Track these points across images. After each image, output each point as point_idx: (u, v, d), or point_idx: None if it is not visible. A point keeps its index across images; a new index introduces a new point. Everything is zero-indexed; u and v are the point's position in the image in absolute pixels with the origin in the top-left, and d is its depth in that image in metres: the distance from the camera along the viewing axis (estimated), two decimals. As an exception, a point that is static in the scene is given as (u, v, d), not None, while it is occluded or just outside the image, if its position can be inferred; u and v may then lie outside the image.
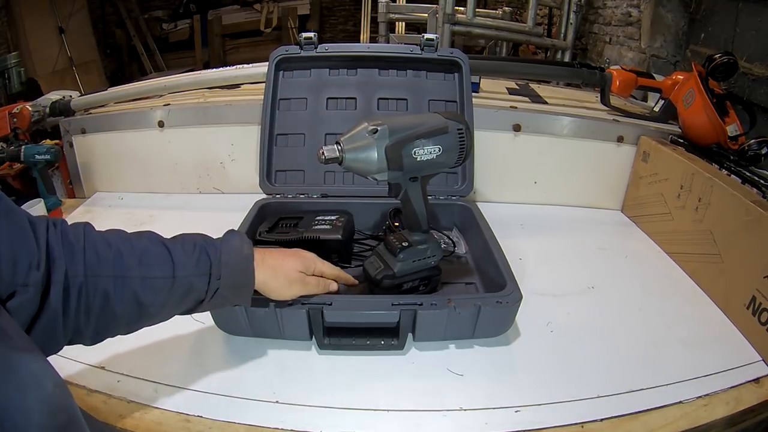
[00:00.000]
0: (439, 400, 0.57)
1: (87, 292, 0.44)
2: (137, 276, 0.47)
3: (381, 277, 0.67)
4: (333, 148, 0.57)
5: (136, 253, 0.48)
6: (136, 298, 0.47)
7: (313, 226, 0.79)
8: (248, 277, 0.54)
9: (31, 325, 0.41)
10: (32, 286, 0.40)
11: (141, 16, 4.67)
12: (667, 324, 0.71)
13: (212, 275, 0.50)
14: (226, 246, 0.53)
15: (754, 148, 0.87)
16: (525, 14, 2.49)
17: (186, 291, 0.50)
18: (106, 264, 0.46)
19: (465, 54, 0.91)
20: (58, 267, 0.42)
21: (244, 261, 0.53)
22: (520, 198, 1.08)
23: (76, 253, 0.44)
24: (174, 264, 0.49)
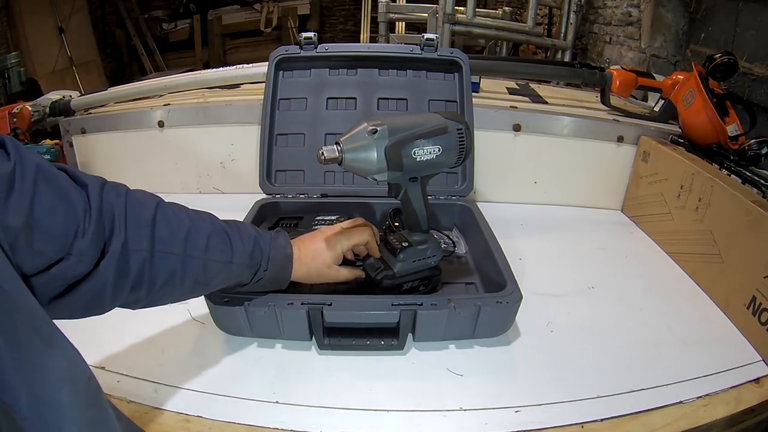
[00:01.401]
0: (439, 400, 0.57)
1: (153, 266, 0.45)
2: (202, 258, 0.50)
3: (381, 277, 0.67)
4: (332, 149, 0.56)
5: (203, 237, 0.50)
6: (195, 277, 0.50)
7: (313, 227, 0.79)
8: (287, 273, 0.60)
9: (72, 288, 0.41)
10: (75, 255, 0.39)
11: (141, 16, 4.67)
12: (667, 324, 0.71)
13: (260, 267, 0.56)
14: (275, 243, 0.59)
15: (754, 148, 0.87)
16: (525, 14, 2.50)
17: (236, 276, 0.55)
18: (178, 243, 0.47)
19: (465, 54, 0.91)
20: (116, 236, 0.42)
21: (287, 259, 0.60)
22: (520, 198, 1.08)
23: (142, 226, 0.45)
24: (233, 252, 0.53)
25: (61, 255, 0.38)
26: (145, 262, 0.45)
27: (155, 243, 0.45)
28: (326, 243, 0.64)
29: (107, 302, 0.44)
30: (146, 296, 0.47)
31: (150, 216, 0.46)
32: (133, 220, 0.44)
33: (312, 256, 0.63)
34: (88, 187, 0.42)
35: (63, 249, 0.38)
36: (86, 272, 0.41)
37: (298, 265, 0.61)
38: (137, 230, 0.44)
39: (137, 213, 0.44)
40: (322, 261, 0.63)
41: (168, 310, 0.70)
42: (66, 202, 0.39)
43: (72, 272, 0.40)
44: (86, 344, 0.62)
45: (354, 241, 0.65)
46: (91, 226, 0.40)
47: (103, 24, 4.52)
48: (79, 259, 0.39)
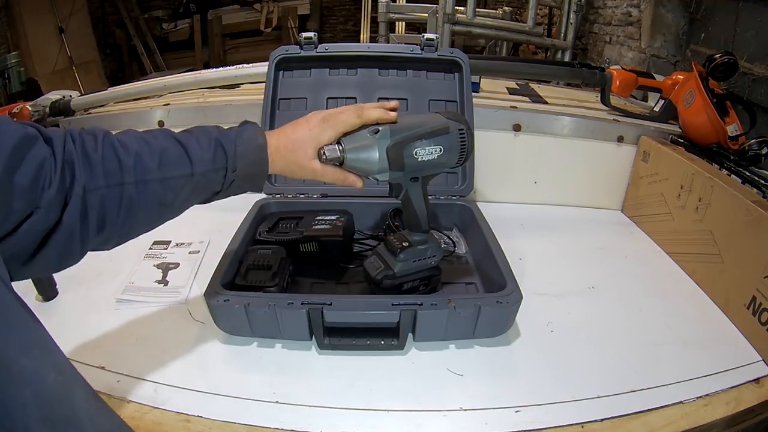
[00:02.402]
0: (439, 400, 0.57)
1: (110, 201, 0.44)
2: (158, 178, 0.47)
3: (381, 277, 0.67)
4: (334, 148, 0.56)
5: (155, 155, 0.47)
6: (158, 199, 0.47)
7: (313, 226, 0.79)
8: (262, 166, 0.54)
9: (45, 240, 0.41)
10: (43, 207, 0.40)
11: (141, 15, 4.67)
12: (667, 324, 0.71)
13: (228, 168, 0.51)
14: (241, 138, 0.53)
15: (754, 148, 0.87)
16: (525, 14, 2.49)
17: (203, 185, 0.51)
18: (128, 171, 0.45)
19: (465, 54, 0.91)
20: (76, 182, 0.42)
21: (258, 151, 0.54)
22: (520, 198, 1.08)
23: (94, 164, 0.44)
24: (192, 162, 0.49)
25: (31, 209, 0.39)
26: (104, 200, 0.44)
27: (107, 177, 0.44)
28: (308, 132, 0.56)
29: (77, 249, 0.44)
30: (114, 233, 0.46)
31: (99, 152, 0.45)
32: (86, 160, 0.44)
33: (291, 148, 0.56)
34: (52, 140, 0.43)
35: (33, 203, 0.39)
36: (54, 222, 0.41)
37: (276, 158, 0.55)
38: (91, 170, 0.44)
39: (89, 153, 0.44)
40: (303, 153, 0.56)
41: (168, 310, 0.70)
42: (33, 158, 0.40)
43: (43, 224, 0.40)
44: (86, 344, 0.63)
45: (340, 128, 0.57)
46: (56, 177, 0.41)
47: (103, 24, 4.52)
48: (47, 210, 0.40)
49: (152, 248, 0.85)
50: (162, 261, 0.81)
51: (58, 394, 0.35)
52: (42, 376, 0.34)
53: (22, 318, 0.35)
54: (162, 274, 0.78)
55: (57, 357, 0.36)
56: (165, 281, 0.77)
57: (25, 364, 0.33)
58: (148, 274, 0.78)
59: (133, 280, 0.76)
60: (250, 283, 0.67)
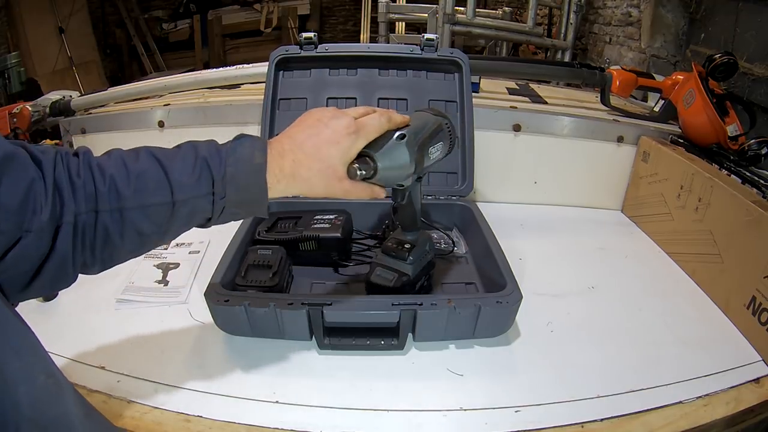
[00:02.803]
0: (439, 400, 0.57)
1: (88, 228, 0.41)
2: (134, 206, 0.42)
3: (400, 285, 0.66)
4: (367, 165, 0.51)
5: (131, 180, 0.42)
6: (136, 228, 0.43)
7: (312, 225, 0.79)
8: (259, 191, 0.46)
9: (40, 267, 0.39)
10: (34, 232, 0.38)
11: (141, 16, 4.67)
12: (667, 324, 0.71)
13: (215, 194, 0.44)
14: (233, 157, 0.45)
15: (754, 148, 0.87)
16: (525, 14, 2.50)
17: (189, 213, 0.45)
18: (102, 198, 0.42)
19: (465, 54, 0.91)
20: (67, 208, 0.40)
21: (254, 173, 0.45)
22: (520, 198, 1.08)
23: (77, 189, 0.41)
24: (172, 187, 0.43)
25: (20, 233, 0.37)
26: (85, 226, 0.41)
27: (86, 202, 0.41)
28: (337, 149, 0.48)
29: (70, 274, 0.42)
30: (95, 260, 0.43)
31: (82, 175, 0.41)
32: (71, 184, 0.41)
33: (316, 168, 0.47)
34: (42, 163, 0.40)
35: (21, 226, 0.37)
36: (48, 249, 0.39)
37: (291, 182, 0.47)
38: (76, 196, 0.41)
39: (73, 177, 0.41)
40: (333, 173, 0.48)
41: (168, 310, 0.71)
42: (23, 181, 0.38)
43: (35, 250, 0.38)
44: (86, 344, 0.63)
45: (371, 136, 0.51)
46: (48, 202, 0.38)
47: (103, 24, 4.52)
48: (40, 236, 0.38)
49: (152, 248, 0.85)
50: (162, 261, 0.81)
51: (49, 396, 0.35)
52: (33, 378, 0.34)
53: (11, 322, 0.34)
54: (162, 274, 0.78)
55: (47, 360, 0.36)
56: (165, 281, 0.77)
57: (16, 367, 0.33)
58: (149, 274, 0.78)
59: (134, 280, 0.76)
60: (250, 283, 0.67)
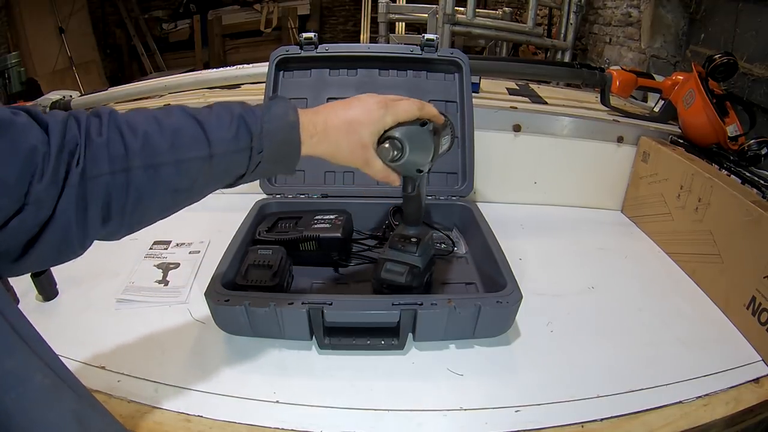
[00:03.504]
0: (439, 400, 0.57)
1: (116, 189, 0.39)
2: (170, 161, 0.41)
3: (411, 278, 0.65)
4: (397, 147, 0.52)
5: (166, 135, 0.41)
6: (170, 186, 0.42)
7: (312, 225, 0.79)
8: (293, 147, 0.48)
9: (37, 236, 0.37)
10: (32, 203, 0.35)
11: (141, 16, 4.67)
12: (666, 324, 0.71)
13: (253, 149, 0.45)
14: (269, 114, 0.46)
15: (753, 149, 0.87)
16: (525, 14, 2.50)
17: (225, 168, 0.45)
18: (135, 154, 0.40)
19: (465, 54, 0.91)
20: (72, 170, 0.37)
21: (289, 129, 0.47)
22: (520, 198, 1.08)
23: (97, 149, 0.38)
24: (209, 141, 0.43)
25: (19, 205, 0.35)
26: (108, 188, 0.39)
27: (111, 162, 0.39)
28: (366, 114, 0.50)
29: (76, 243, 0.39)
30: (122, 224, 0.42)
31: (104, 135, 0.39)
32: (89, 145, 0.38)
33: (344, 129, 0.49)
34: (48, 125, 0.37)
35: (20, 199, 0.35)
36: (47, 217, 0.37)
37: (322, 138, 0.48)
38: (94, 155, 0.38)
39: (92, 137, 0.39)
40: (357, 139, 0.50)
41: (168, 309, 0.71)
42: (21, 150, 0.35)
43: (33, 221, 0.36)
44: (86, 344, 0.63)
45: (401, 117, 0.52)
46: (49, 168, 0.36)
47: (103, 24, 4.52)
48: (38, 206, 0.36)
49: (153, 248, 0.85)
50: (162, 261, 0.82)
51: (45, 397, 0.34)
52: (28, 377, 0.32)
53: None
54: (162, 274, 0.78)
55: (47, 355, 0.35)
56: (165, 281, 0.77)
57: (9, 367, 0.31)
58: (149, 274, 0.78)
59: (134, 280, 0.76)
60: (251, 283, 0.67)
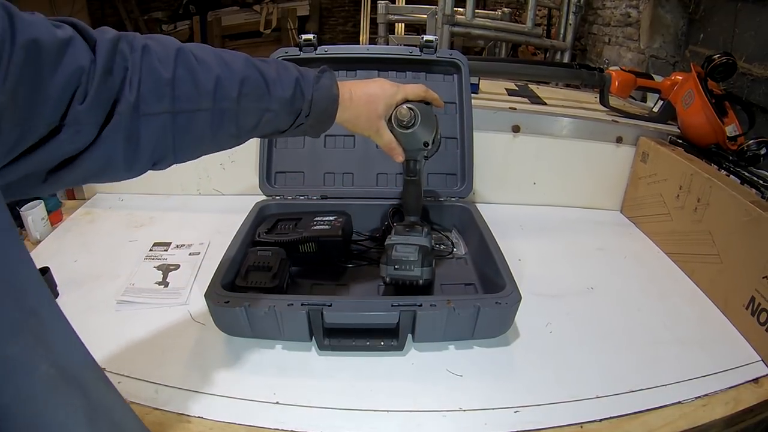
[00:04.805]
0: (439, 400, 0.57)
1: (177, 128, 0.40)
2: (234, 109, 0.44)
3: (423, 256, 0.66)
4: (414, 112, 0.59)
5: (235, 84, 0.44)
6: (228, 131, 0.45)
7: (312, 227, 0.79)
8: (331, 116, 0.54)
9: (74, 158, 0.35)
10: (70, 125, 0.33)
11: (141, 17, 4.67)
12: (666, 324, 0.71)
13: (302, 112, 0.51)
14: (319, 84, 0.52)
15: (753, 149, 0.87)
16: (524, 15, 2.50)
17: (273, 123, 0.49)
18: (206, 96, 0.41)
19: (464, 55, 0.91)
20: (124, 96, 0.36)
21: (332, 102, 0.53)
22: (519, 199, 1.08)
23: (161, 85, 0.38)
24: (271, 97, 0.47)
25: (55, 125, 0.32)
26: (166, 127, 0.39)
27: (177, 102, 0.39)
28: (381, 90, 0.58)
29: (120, 171, 0.39)
30: (175, 159, 0.43)
31: (170, 71, 0.38)
32: (149, 78, 0.37)
33: (365, 100, 0.57)
34: (96, 42, 0.35)
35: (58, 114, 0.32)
36: (90, 140, 0.35)
37: (347, 106, 0.55)
38: (155, 90, 0.37)
39: (154, 70, 0.37)
40: (374, 109, 0.58)
41: (168, 311, 0.71)
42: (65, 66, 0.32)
43: (69, 146, 0.34)
44: (86, 345, 0.62)
45: (409, 95, 0.61)
46: (92, 90, 0.33)
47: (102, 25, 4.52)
48: (77, 130, 0.33)
49: (152, 250, 0.85)
50: (162, 262, 0.82)
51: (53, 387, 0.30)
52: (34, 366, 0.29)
53: None
54: (162, 275, 0.79)
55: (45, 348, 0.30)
56: (165, 283, 0.77)
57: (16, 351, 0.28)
58: (149, 276, 0.78)
59: (134, 282, 0.76)
60: (251, 285, 0.67)
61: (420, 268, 0.66)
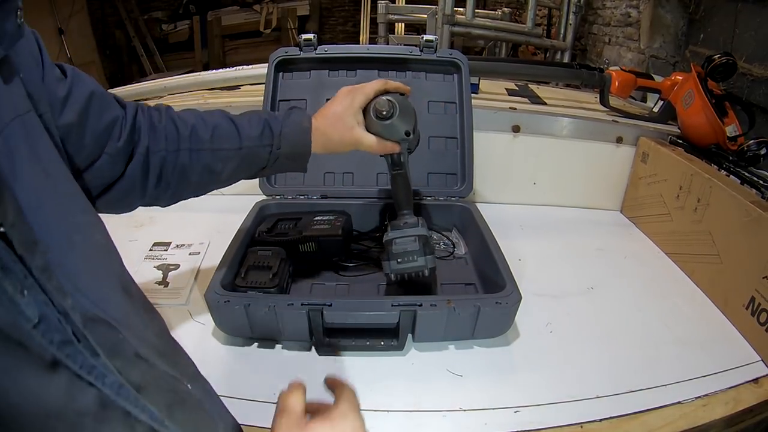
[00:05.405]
0: (439, 400, 0.57)
1: (167, 164, 0.52)
2: (209, 149, 0.54)
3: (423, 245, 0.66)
4: (386, 101, 0.60)
5: (208, 129, 0.55)
6: (208, 167, 0.55)
7: (312, 226, 0.79)
8: (305, 147, 0.59)
9: (110, 187, 0.49)
10: (110, 154, 0.47)
11: (140, 17, 4.67)
12: (666, 324, 0.71)
13: (273, 146, 0.57)
14: (288, 120, 0.58)
15: (753, 149, 0.87)
16: (524, 15, 2.50)
17: (250, 159, 0.57)
18: (184, 140, 0.53)
19: (464, 55, 0.91)
20: (141, 143, 0.50)
21: (303, 133, 0.58)
22: (519, 199, 1.08)
23: (158, 131, 0.52)
24: (240, 136, 0.56)
25: (100, 152, 0.46)
26: (163, 162, 0.52)
27: (167, 143, 0.52)
28: (340, 105, 0.61)
29: (137, 198, 0.52)
30: (168, 192, 0.54)
31: (163, 122, 0.53)
32: (152, 128, 0.52)
33: (330, 123, 0.60)
34: (126, 107, 0.51)
35: (102, 147, 0.47)
36: (120, 172, 0.49)
37: (317, 138, 0.59)
38: (155, 135, 0.52)
39: (154, 122, 0.52)
40: (343, 125, 0.60)
41: (169, 311, 0.71)
42: (109, 112, 0.48)
43: (109, 171, 0.48)
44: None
45: (369, 93, 0.62)
46: (125, 134, 0.49)
47: (102, 25, 4.51)
48: (114, 159, 0.48)
49: (152, 249, 0.85)
50: (162, 262, 0.82)
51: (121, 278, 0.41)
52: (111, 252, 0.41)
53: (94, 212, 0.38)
54: (162, 275, 0.78)
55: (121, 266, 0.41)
56: (165, 282, 0.77)
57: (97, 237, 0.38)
58: (149, 276, 0.78)
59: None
60: (250, 284, 0.67)
61: (423, 257, 0.65)
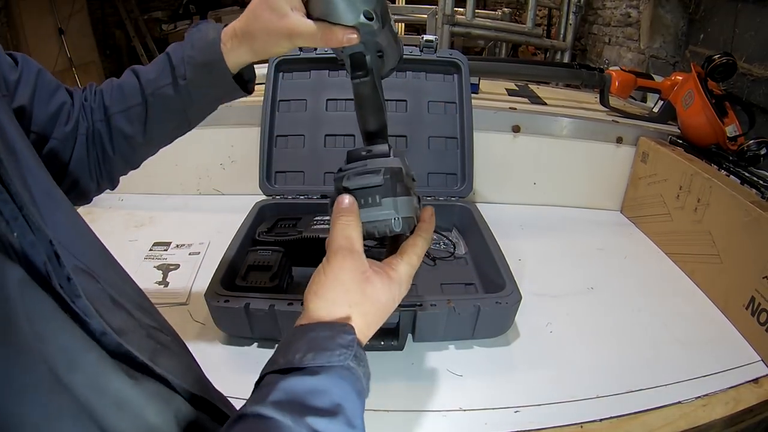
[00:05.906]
0: (439, 400, 0.57)
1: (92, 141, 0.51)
2: (117, 111, 0.50)
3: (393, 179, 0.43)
4: None
5: (113, 92, 0.51)
6: (122, 132, 0.51)
7: (312, 226, 0.79)
8: (218, 63, 0.47)
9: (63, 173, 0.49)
10: (57, 139, 0.47)
11: (141, 17, 4.67)
12: (666, 324, 0.71)
13: (177, 77, 0.48)
14: (190, 41, 0.48)
15: (753, 149, 0.87)
16: (524, 15, 2.50)
17: (162, 109, 0.50)
18: (95, 111, 0.51)
19: (464, 55, 0.91)
20: (81, 124, 0.49)
21: (208, 47, 0.47)
22: (519, 199, 1.08)
23: (86, 109, 0.50)
24: (142, 87, 0.49)
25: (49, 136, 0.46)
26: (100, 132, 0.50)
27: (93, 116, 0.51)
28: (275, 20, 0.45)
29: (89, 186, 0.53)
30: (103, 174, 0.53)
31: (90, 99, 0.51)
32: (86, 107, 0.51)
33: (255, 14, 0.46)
34: (74, 93, 0.50)
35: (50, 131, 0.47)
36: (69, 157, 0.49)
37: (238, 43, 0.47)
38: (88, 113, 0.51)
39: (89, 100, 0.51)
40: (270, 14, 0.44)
41: (168, 311, 0.71)
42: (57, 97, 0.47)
43: (63, 153, 0.48)
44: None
45: None
46: (72, 118, 0.48)
47: (102, 25, 4.51)
48: (63, 144, 0.47)
49: (152, 249, 0.85)
50: (162, 262, 0.82)
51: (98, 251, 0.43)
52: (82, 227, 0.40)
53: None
54: (162, 275, 0.78)
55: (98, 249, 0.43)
56: (165, 282, 0.77)
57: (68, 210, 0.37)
58: (149, 276, 0.78)
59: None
60: (250, 284, 0.67)
61: (390, 198, 0.41)
